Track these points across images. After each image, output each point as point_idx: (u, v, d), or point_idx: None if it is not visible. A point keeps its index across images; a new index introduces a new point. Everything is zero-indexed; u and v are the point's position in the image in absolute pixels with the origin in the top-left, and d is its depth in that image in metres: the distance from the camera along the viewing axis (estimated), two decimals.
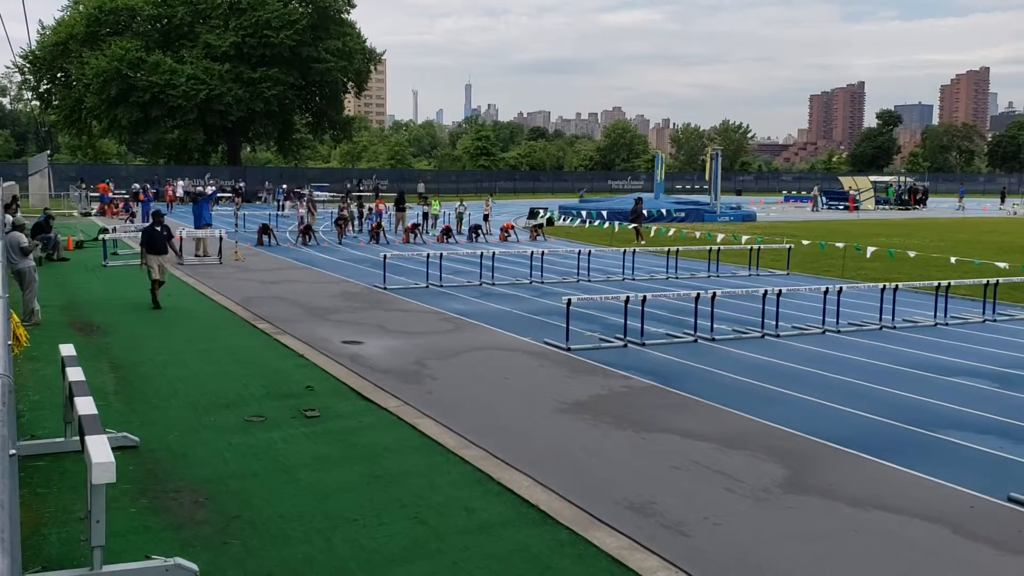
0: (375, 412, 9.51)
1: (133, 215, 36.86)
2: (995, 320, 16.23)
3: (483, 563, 5.93)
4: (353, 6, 67.43)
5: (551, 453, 8.30)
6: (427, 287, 19.41)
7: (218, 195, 46.34)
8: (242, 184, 55.18)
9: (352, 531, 6.40)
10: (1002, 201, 65.83)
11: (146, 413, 9.30)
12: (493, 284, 20.27)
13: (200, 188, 38.69)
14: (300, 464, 7.81)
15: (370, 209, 35.71)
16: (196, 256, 23.72)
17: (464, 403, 10.01)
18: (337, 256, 25.97)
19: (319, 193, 51.49)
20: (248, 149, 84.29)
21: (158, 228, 16.74)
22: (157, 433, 8.58)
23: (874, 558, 6.22)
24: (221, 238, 23.79)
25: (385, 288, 18.99)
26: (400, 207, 35.47)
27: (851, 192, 61.99)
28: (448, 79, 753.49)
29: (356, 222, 35.23)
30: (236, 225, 34.20)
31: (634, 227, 32.12)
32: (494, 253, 21.72)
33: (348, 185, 59.07)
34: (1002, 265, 18.81)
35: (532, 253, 22.03)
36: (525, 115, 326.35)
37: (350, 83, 69.96)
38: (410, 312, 16.21)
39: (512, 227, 32.72)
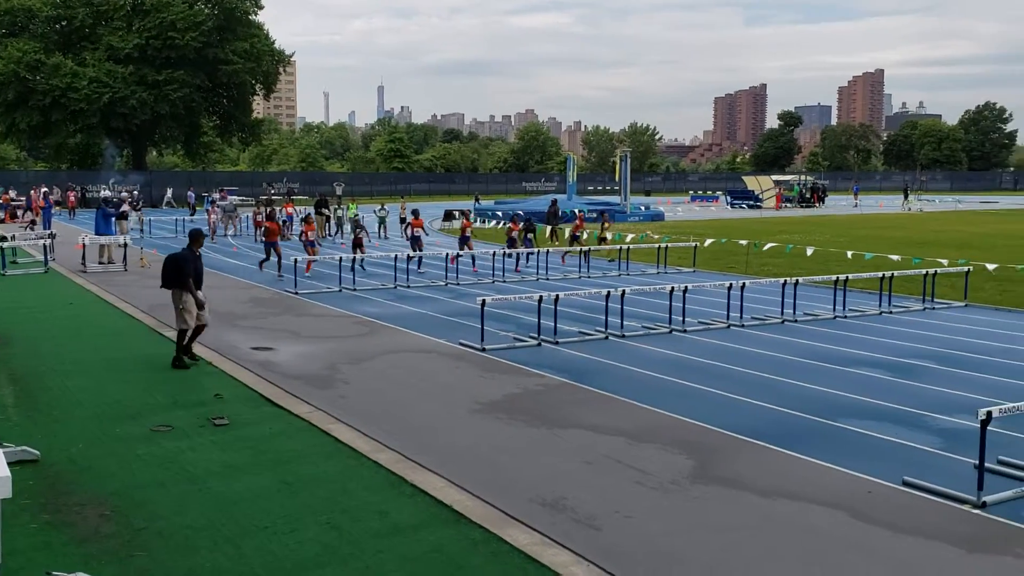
0: (286, 418, 9.40)
1: (34, 223, 35.50)
2: (891, 312, 16.93)
3: (397, 566, 5.94)
4: (260, 7, 66.37)
5: (465, 453, 8.35)
6: (340, 291, 19.23)
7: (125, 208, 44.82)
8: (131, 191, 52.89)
9: (263, 539, 6.33)
10: (905, 197, 68.78)
11: (48, 425, 8.99)
12: (408, 287, 20.21)
13: (120, 195, 37.25)
14: (209, 473, 7.68)
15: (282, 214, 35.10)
16: (100, 263, 23.02)
17: (378, 407, 9.97)
18: (247, 261, 25.50)
19: (233, 198, 50.33)
20: (154, 153, 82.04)
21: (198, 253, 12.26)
22: (60, 445, 8.31)
23: (779, 544, 6.44)
24: (126, 245, 23.13)
25: (296, 293, 18.74)
26: (320, 211, 35.07)
27: (778, 190, 64.48)
28: (360, 81, 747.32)
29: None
30: (141, 231, 33.27)
31: (551, 228, 32.43)
32: (408, 256, 21.65)
33: (272, 190, 57.81)
34: (895, 258, 19.64)
35: (447, 255, 22.03)
36: (439, 117, 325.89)
37: (258, 85, 68.81)
38: (322, 317, 16.04)
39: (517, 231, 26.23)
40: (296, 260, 19.89)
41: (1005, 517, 6.95)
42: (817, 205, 64.61)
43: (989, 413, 7.18)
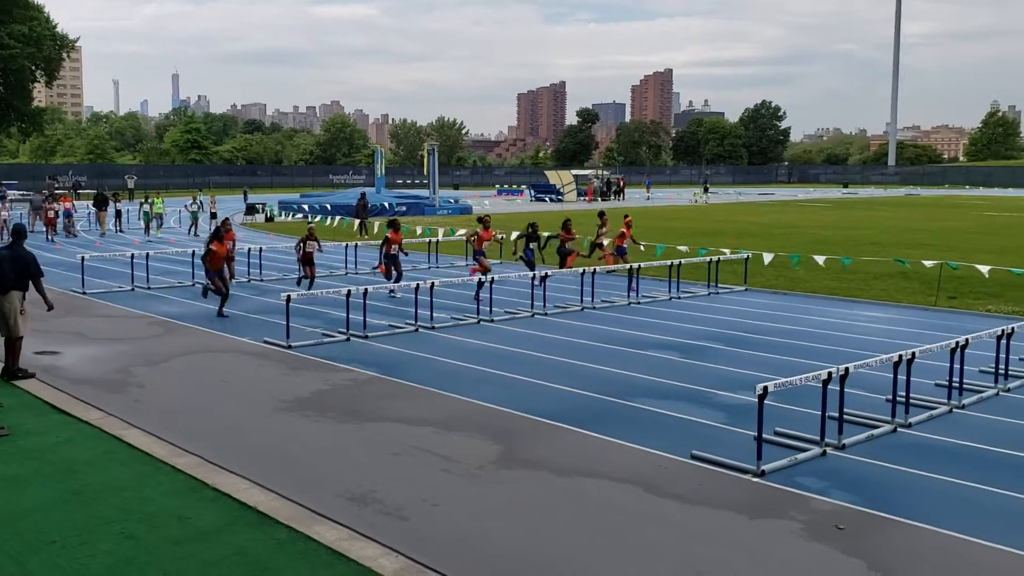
0: (74, 426, 8.84)
1: None
2: (679, 297, 18.02)
3: (198, 571, 5.75)
4: None
5: (270, 453, 8.18)
6: (133, 290, 18.24)
7: None
8: None
9: (51, 554, 5.95)
10: (705, 191, 73.49)
11: None
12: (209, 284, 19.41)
13: None
14: None
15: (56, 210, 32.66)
16: None
17: (176, 410, 9.57)
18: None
19: (12, 192, 46.45)
20: None
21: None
22: None
23: (579, 521, 6.73)
24: None
25: (84, 292, 17.61)
26: (101, 206, 33.02)
27: (590, 184, 67.93)
28: (152, 68, 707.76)
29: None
30: None
31: (359, 222, 32.16)
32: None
33: (57, 184, 53.62)
34: (683, 248, 20.92)
35: (249, 250, 21.34)
36: (239, 107, 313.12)
37: (39, 71, 63.68)
38: (113, 317, 15.16)
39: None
40: (84, 259, 18.64)
41: (781, 483, 7.58)
42: (612, 199, 67.83)
43: (765, 388, 7.80)
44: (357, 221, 32.44)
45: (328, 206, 41.11)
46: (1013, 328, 10.75)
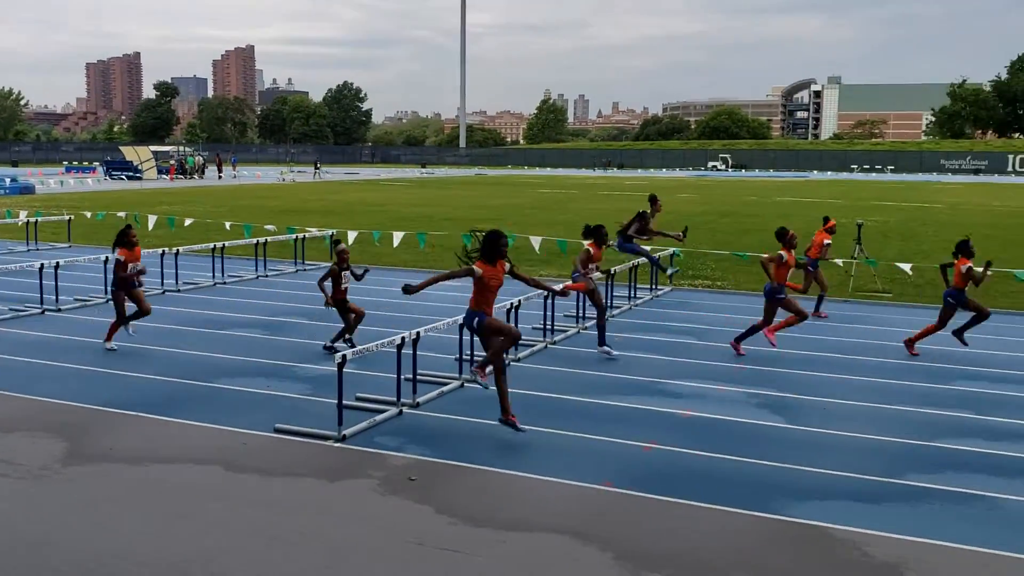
0: None
1: None
2: (267, 275, 17.94)
3: None
4: None
5: None
6: None
7: None
8: None
9: None
10: (315, 171, 73.38)
11: None
12: None
13: None
14: None
15: None
16: None
17: None
18: None
19: None
20: None
21: None
22: None
23: (153, 508, 6.50)
24: None
25: None
26: None
27: (172, 162, 64.65)
28: None
29: None
30: None
31: None
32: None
33: None
34: (270, 227, 20.82)
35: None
36: None
37: None
38: None
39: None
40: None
41: (361, 445, 7.99)
42: (198, 176, 65.28)
43: (344, 357, 8.15)
44: None
45: None
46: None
